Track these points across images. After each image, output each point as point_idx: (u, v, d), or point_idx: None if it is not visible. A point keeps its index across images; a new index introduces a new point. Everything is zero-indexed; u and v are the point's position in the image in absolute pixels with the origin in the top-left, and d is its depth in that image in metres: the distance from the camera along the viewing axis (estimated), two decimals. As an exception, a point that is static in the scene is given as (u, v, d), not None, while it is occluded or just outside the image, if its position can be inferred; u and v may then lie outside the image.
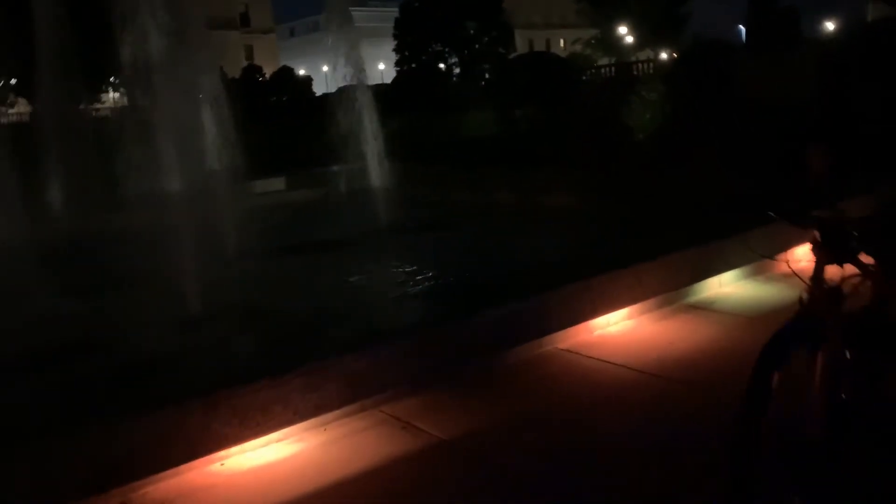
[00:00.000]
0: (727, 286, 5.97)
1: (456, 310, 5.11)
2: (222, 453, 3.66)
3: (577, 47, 53.00)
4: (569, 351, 4.93)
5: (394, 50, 46.21)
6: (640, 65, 30.65)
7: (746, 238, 3.89)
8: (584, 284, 5.06)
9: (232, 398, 3.65)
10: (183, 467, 3.56)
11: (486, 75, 38.06)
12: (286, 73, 35.88)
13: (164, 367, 4.39)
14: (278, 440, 3.84)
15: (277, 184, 14.66)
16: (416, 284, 6.55)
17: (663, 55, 46.00)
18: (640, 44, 53.16)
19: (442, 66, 43.81)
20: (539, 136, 15.47)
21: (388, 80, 41.39)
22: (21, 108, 31.68)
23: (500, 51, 43.29)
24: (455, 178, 12.40)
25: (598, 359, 4.78)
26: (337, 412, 3.99)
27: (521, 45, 50.84)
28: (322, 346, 4.30)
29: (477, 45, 44.19)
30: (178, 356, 4.58)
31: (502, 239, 7.59)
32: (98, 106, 32.44)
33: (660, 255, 5.55)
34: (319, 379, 3.92)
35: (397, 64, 44.84)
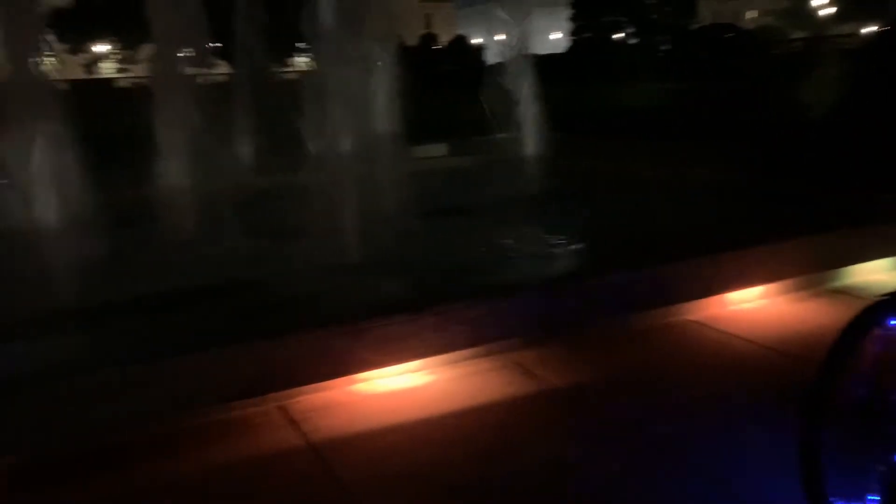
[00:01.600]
0: (879, 273, 5.75)
1: (587, 271, 5.36)
2: (363, 375, 4.20)
3: (769, 20, 49.77)
4: (697, 322, 5.06)
5: (568, 19, 45.64)
6: (833, 40, 28.44)
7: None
8: (714, 258, 5.14)
9: (375, 328, 4.18)
10: (329, 383, 4.13)
11: (663, 47, 36.78)
12: (460, 41, 36.61)
13: (322, 299, 5.01)
14: (413, 370, 4.33)
15: (439, 150, 15.24)
16: (556, 246, 6.83)
17: (870, 29, 42.08)
18: (841, 16, 48.91)
19: (617, 36, 42.74)
20: (710, 110, 15.01)
21: (562, 50, 41.00)
22: (221, 69, 34.41)
23: (679, 22, 41.51)
24: (616, 150, 12.36)
25: (722, 331, 4.89)
26: (466, 352, 4.43)
27: (706, 17, 48.45)
28: (459, 294, 4.73)
29: (655, 16, 42.65)
30: (334, 292, 5.18)
31: (649, 209, 7.66)
32: (286, 70, 34.73)
33: (802, 236, 5.48)
34: (451, 321, 4.38)
35: (572, 34, 44.30)
